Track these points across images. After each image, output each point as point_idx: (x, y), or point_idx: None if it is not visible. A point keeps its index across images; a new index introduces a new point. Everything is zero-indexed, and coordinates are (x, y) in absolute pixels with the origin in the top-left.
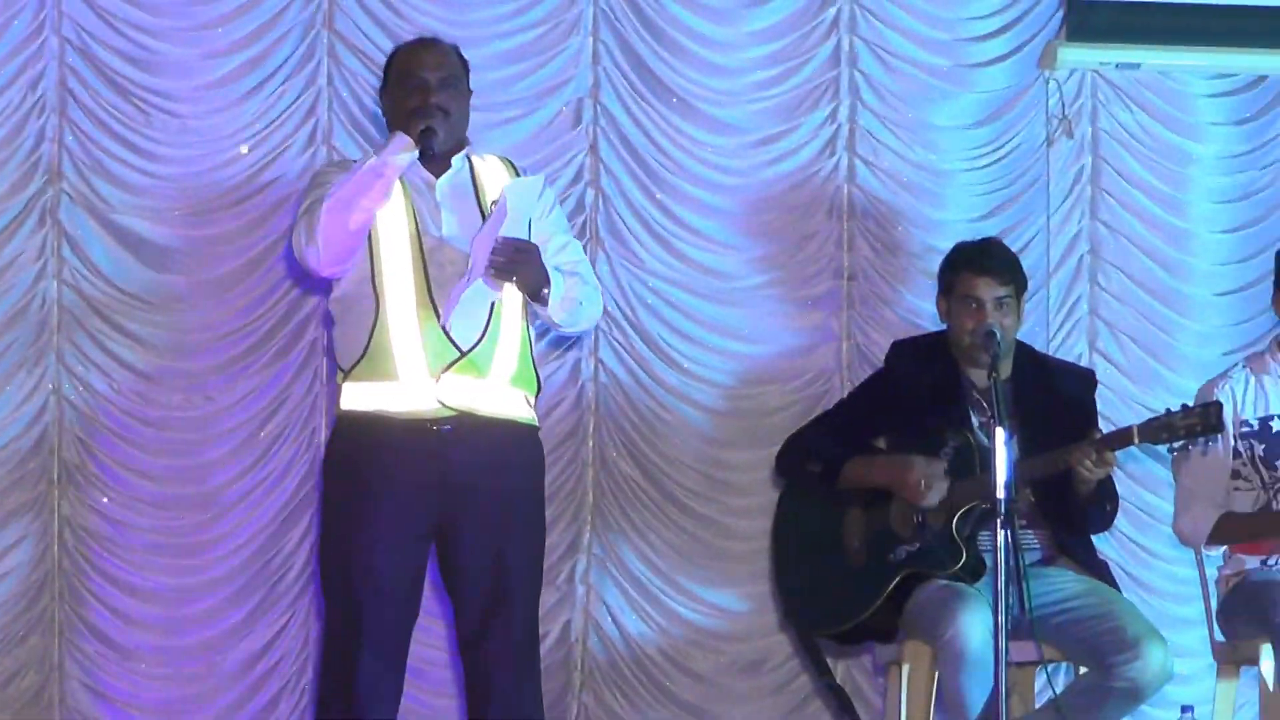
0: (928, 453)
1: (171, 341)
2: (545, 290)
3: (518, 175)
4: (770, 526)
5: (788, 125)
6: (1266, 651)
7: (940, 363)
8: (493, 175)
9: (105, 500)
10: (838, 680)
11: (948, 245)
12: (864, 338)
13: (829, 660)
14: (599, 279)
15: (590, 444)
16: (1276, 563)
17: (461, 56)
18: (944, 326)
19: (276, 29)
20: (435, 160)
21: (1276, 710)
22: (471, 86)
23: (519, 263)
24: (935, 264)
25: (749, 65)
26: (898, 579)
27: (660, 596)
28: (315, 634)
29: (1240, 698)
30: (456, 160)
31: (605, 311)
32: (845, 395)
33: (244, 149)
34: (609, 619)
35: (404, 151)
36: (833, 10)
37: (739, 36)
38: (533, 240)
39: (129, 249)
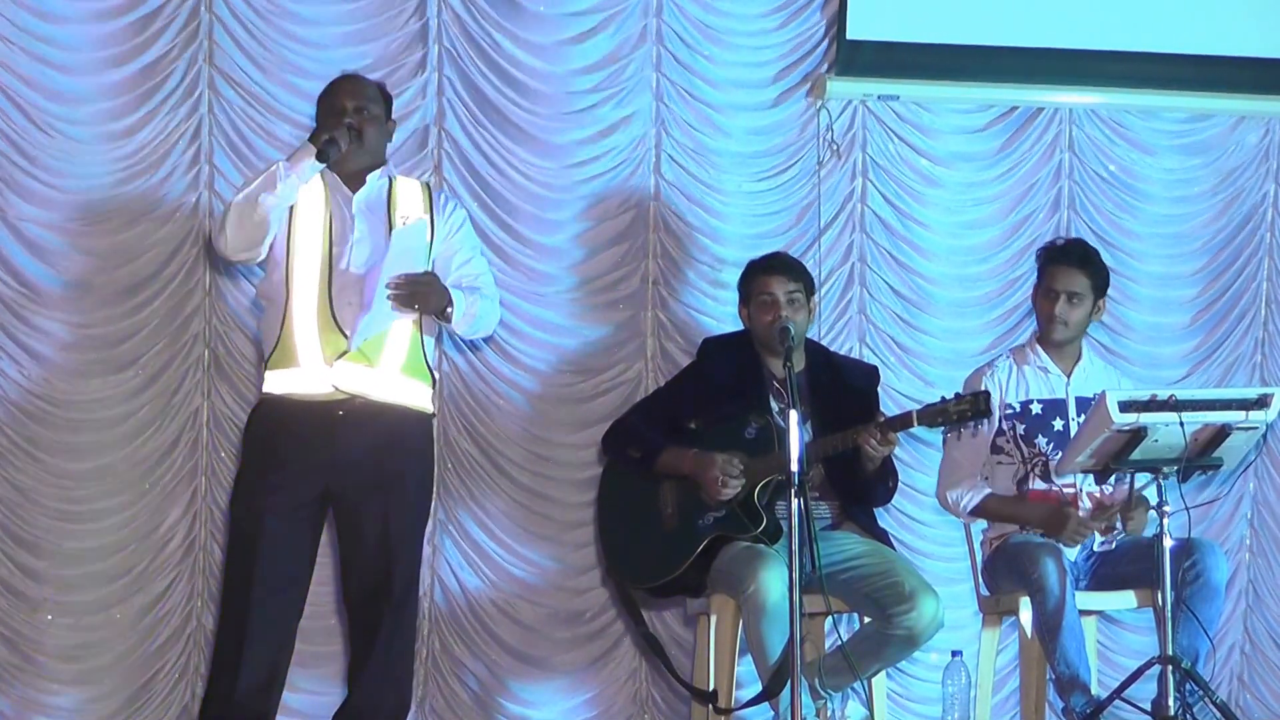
0: (733, 434)
1: (73, 335)
2: (449, 309)
3: (431, 197)
4: (595, 495)
5: (604, 150)
6: (1024, 604)
7: (744, 356)
8: (408, 195)
9: (15, 472)
10: (650, 629)
11: (735, 255)
12: (664, 334)
13: (644, 612)
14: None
15: (435, 424)
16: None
17: (384, 91)
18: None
19: (165, 64)
20: (354, 177)
21: (1031, 653)
22: None
23: (418, 295)
24: (724, 272)
25: (571, 97)
26: (706, 541)
27: (492, 556)
28: (197, 589)
29: (1001, 643)
30: (372, 178)
31: None
32: (663, 384)
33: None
34: (451, 575)
35: (306, 157)
36: (641, 51)
37: (562, 73)
38: (442, 251)
39: (36, 254)
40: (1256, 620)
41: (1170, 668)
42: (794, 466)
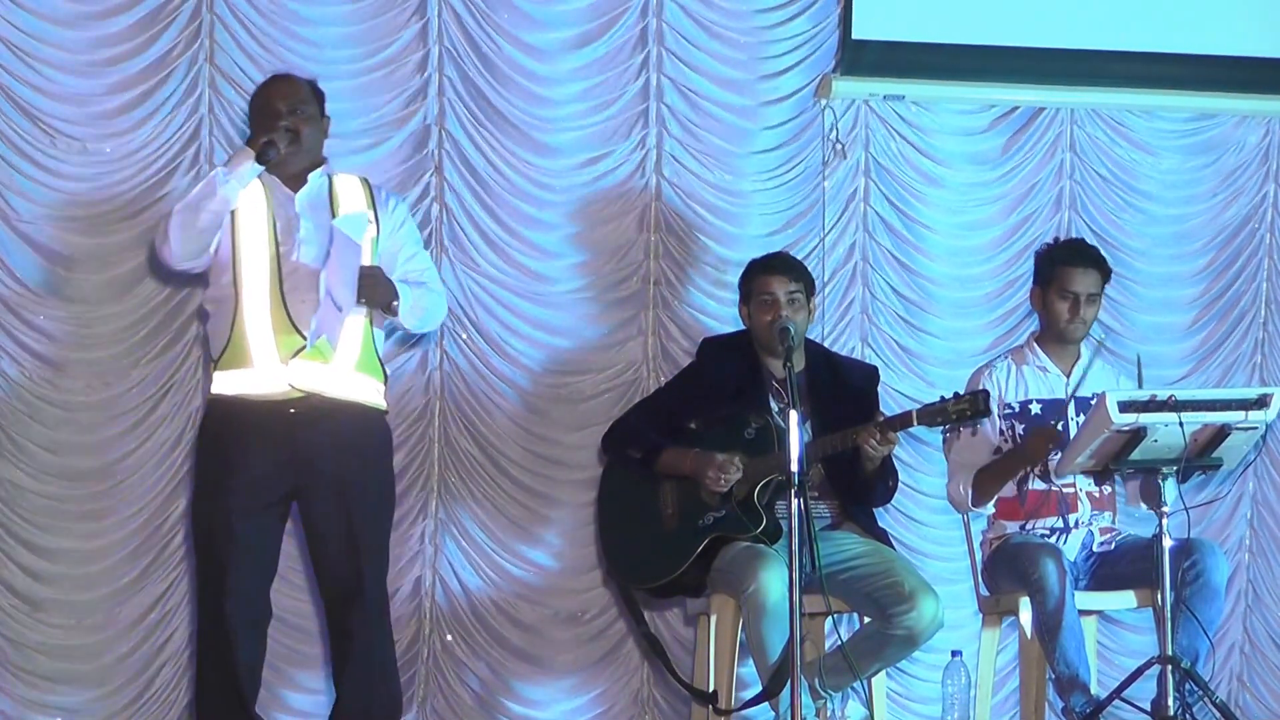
0: (733, 434)
1: (74, 334)
2: (395, 303)
3: (372, 193)
4: (595, 496)
5: (604, 150)
6: (1024, 604)
7: (744, 357)
8: (349, 192)
9: (17, 472)
10: (651, 629)
11: (738, 255)
12: (665, 335)
13: (645, 612)
14: (444, 283)
15: (436, 424)
16: (1033, 527)
17: (316, 88)
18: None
19: (166, 65)
20: (294, 177)
21: (1031, 653)
22: (332, 116)
23: (365, 288)
24: (727, 272)
25: (571, 98)
26: (706, 541)
27: (493, 556)
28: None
29: (1001, 643)
30: (313, 177)
31: (449, 310)
32: (663, 384)
33: None
34: (452, 575)
35: (244, 161)
36: (642, 53)
37: (563, 73)
38: (388, 247)
39: (38, 254)
40: (1256, 620)
41: (1170, 668)
42: (794, 466)
